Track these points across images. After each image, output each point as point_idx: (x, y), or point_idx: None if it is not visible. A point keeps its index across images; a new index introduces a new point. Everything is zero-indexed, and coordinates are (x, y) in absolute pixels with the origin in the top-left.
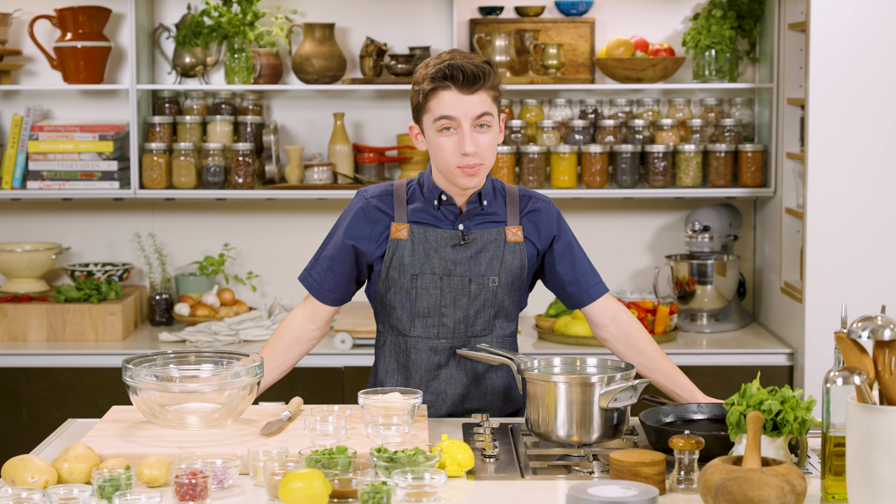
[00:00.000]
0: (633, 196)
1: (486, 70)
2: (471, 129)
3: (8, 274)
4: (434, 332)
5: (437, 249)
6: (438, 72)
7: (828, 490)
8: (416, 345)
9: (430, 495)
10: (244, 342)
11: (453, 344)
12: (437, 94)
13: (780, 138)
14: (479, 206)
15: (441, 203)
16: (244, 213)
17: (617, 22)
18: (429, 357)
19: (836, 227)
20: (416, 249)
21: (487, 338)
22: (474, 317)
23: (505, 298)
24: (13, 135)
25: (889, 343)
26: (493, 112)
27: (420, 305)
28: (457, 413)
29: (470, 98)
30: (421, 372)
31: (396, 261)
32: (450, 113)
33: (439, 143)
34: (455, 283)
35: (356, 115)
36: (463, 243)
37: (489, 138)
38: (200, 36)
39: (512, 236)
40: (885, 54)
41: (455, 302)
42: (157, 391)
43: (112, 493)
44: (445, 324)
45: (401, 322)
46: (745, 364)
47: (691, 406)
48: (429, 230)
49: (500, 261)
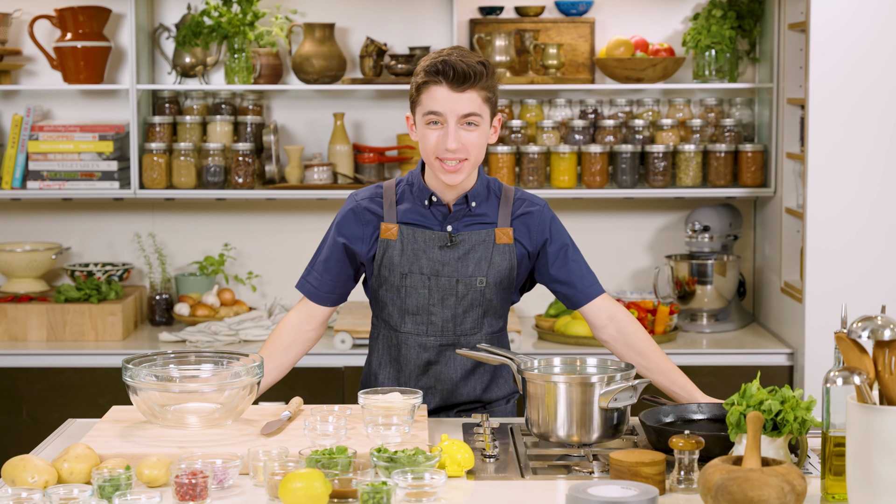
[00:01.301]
0: (633, 196)
1: (477, 70)
2: (456, 125)
3: (8, 274)
4: (423, 330)
5: (425, 250)
6: (431, 66)
7: (828, 490)
8: (406, 340)
9: (430, 495)
10: (244, 342)
11: (443, 341)
12: (428, 88)
13: (780, 138)
14: (467, 206)
15: (431, 203)
16: (244, 213)
17: (617, 22)
18: (418, 353)
19: (836, 227)
20: (405, 250)
21: (477, 335)
22: (462, 315)
23: (493, 298)
24: (13, 135)
25: (889, 343)
26: (482, 113)
27: (409, 303)
28: (449, 404)
29: (460, 96)
30: (411, 367)
31: (387, 260)
32: (437, 109)
33: (425, 134)
34: (443, 284)
35: (356, 115)
36: (450, 245)
37: (474, 137)
38: (200, 36)
39: (501, 238)
40: (885, 54)
41: (443, 301)
42: (157, 391)
43: (112, 493)
44: (434, 322)
45: (392, 318)
46: (745, 364)
47: (691, 406)
48: (417, 231)
49: (488, 262)
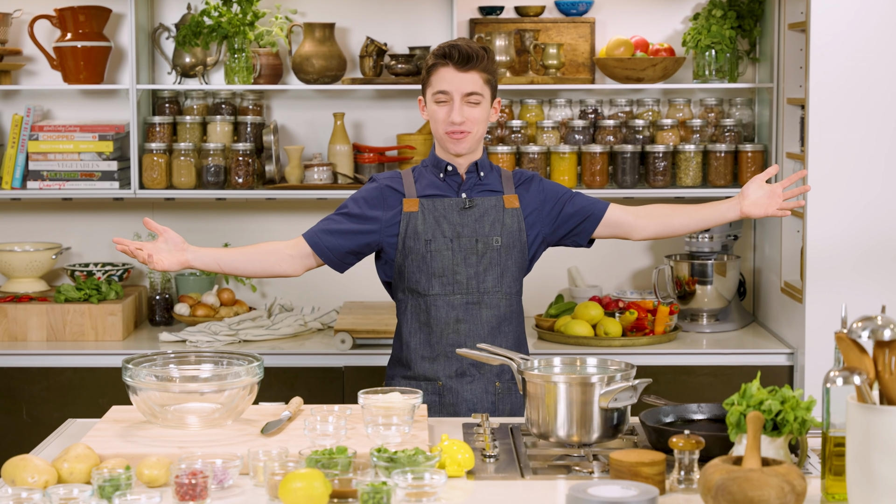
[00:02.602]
0: (633, 196)
1: (479, 53)
2: (461, 102)
3: (8, 274)
4: (450, 290)
5: (445, 216)
6: (440, 50)
7: (828, 490)
8: (434, 302)
9: (430, 495)
10: (244, 342)
11: (468, 299)
12: (437, 69)
13: (780, 138)
14: (477, 175)
15: (446, 174)
16: (244, 213)
17: (617, 22)
18: (447, 312)
19: (836, 227)
20: (426, 218)
21: (497, 294)
22: (483, 274)
23: (508, 259)
24: (13, 135)
25: (889, 343)
26: (483, 93)
27: (435, 266)
28: (477, 363)
29: (464, 76)
30: (441, 325)
31: (411, 230)
32: (445, 88)
33: (435, 111)
34: (464, 244)
35: (356, 115)
36: (468, 207)
37: (477, 112)
38: (200, 36)
39: (509, 203)
40: (885, 54)
41: (465, 260)
42: (157, 391)
43: (112, 493)
44: (459, 280)
45: (419, 284)
46: (745, 364)
47: (691, 406)
48: (436, 200)
49: (500, 223)
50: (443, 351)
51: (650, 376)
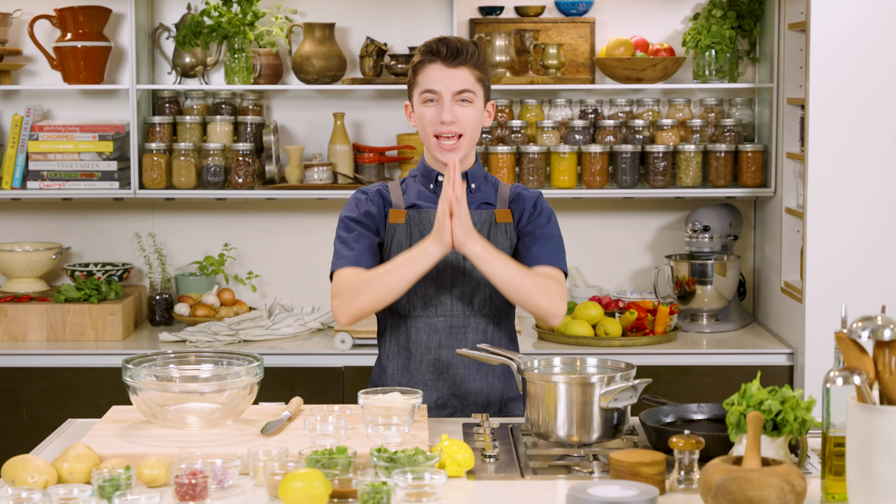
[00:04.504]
0: (633, 196)
1: (469, 47)
2: (451, 101)
3: (8, 274)
4: (432, 311)
5: (431, 229)
6: (427, 46)
7: (828, 490)
8: (415, 324)
9: (430, 495)
10: (244, 342)
11: (452, 322)
12: (424, 67)
13: (780, 138)
14: (468, 187)
15: (437, 185)
16: (244, 213)
17: (617, 22)
18: (428, 336)
19: (836, 227)
20: (412, 232)
21: (486, 316)
22: (471, 294)
23: None
24: (13, 135)
25: (889, 343)
26: (475, 91)
27: (417, 284)
28: (459, 394)
29: (454, 72)
30: (421, 350)
31: (395, 244)
32: (432, 86)
33: (422, 113)
34: (450, 260)
35: (356, 115)
36: None
37: (469, 112)
38: (200, 36)
39: (501, 218)
40: (885, 54)
41: (452, 279)
42: (157, 391)
43: (112, 493)
44: (443, 301)
45: (399, 303)
46: (745, 364)
47: (691, 406)
48: (423, 212)
49: (491, 240)
50: (421, 379)
51: (650, 376)
